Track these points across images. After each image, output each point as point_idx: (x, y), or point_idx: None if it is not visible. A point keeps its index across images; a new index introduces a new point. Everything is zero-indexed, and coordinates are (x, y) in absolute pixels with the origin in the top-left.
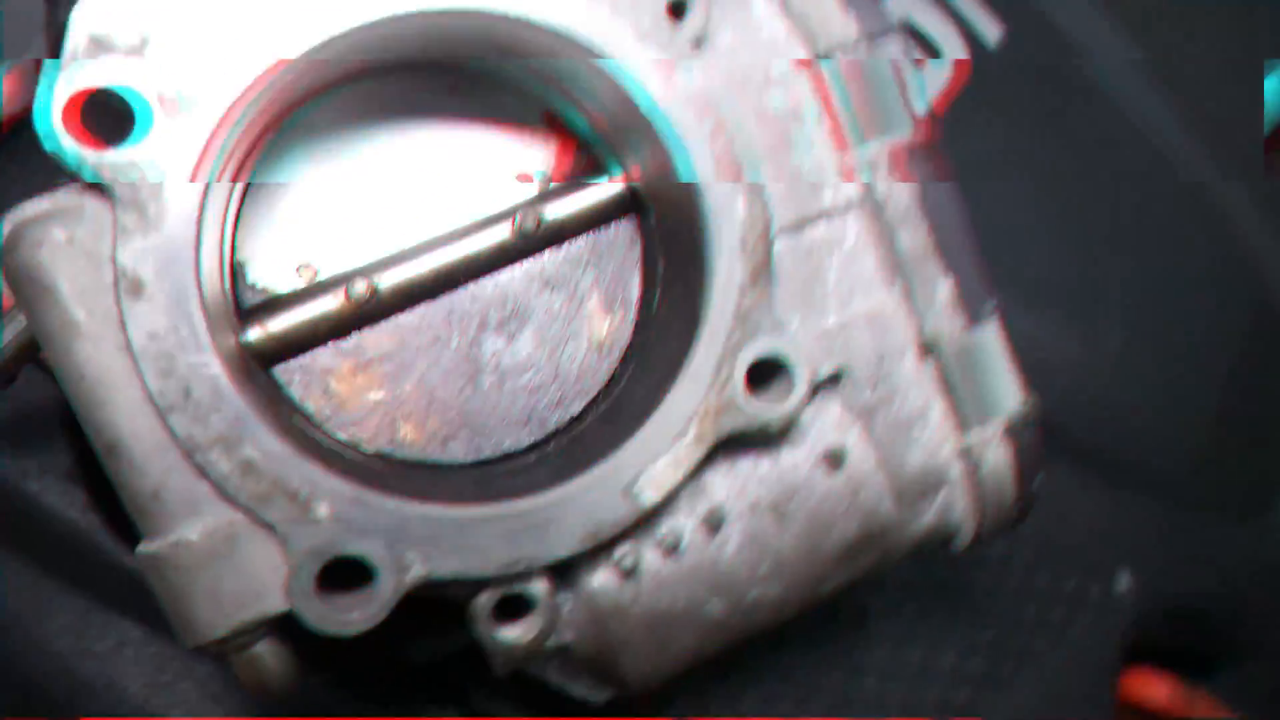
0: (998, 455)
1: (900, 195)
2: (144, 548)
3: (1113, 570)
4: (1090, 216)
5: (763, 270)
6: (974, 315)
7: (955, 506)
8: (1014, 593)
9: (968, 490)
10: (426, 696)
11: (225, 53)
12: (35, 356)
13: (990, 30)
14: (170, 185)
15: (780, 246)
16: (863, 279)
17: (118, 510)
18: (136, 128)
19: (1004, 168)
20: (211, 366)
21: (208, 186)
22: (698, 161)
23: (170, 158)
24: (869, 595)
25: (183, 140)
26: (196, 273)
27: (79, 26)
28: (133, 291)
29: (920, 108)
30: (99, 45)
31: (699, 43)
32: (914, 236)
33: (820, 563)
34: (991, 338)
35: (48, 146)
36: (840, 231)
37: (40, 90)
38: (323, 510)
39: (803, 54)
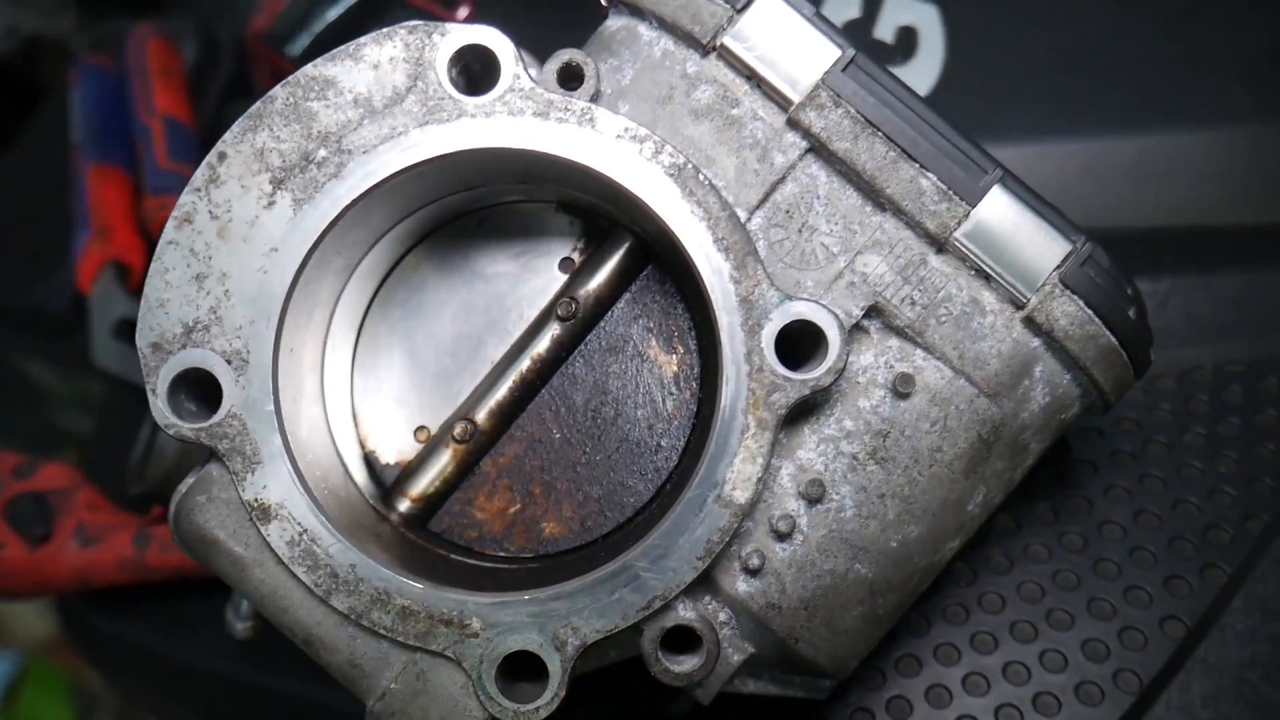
0: (1066, 308)
1: (838, 122)
2: (369, 710)
3: None
4: None
5: (746, 253)
6: (970, 196)
7: (1059, 374)
8: None
9: (1059, 354)
10: None
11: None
12: None
13: None
14: (251, 427)
15: (759, 220)
16: (852, 213)
17: None
18: (220, 393)
19: None
20: (345, 549)
21: (279, 414)
22: (644, 190)
23: (247, 404)
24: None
25: (252, 386)
26: (300, 480)
27: (142, 343)
28: (263, 517)
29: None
30: (159, 349)
31: (596, 96)
32: (872, 153)
33: (949, 485)
34: (999, 208)
35: (172, 435)
36: (809, 181)
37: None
38: (476, 624)
39: (702, 41)
